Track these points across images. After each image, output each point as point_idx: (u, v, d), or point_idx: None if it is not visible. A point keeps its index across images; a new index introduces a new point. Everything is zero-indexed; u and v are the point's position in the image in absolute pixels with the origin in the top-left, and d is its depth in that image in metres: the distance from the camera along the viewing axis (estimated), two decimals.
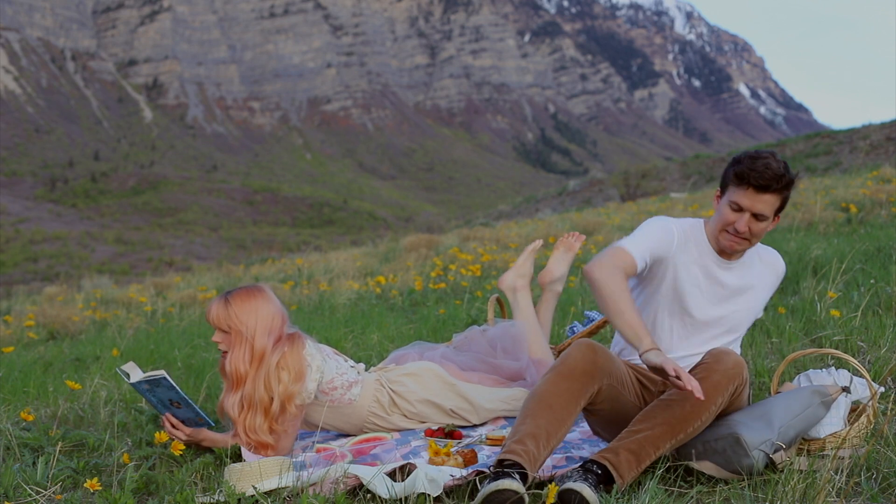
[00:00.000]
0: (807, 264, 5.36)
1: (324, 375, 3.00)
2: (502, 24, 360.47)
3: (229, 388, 2.91)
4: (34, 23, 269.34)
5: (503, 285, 3.64)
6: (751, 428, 2.37)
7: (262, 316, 2.89)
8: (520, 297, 3.57)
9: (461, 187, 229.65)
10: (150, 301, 8.64)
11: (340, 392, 3.04)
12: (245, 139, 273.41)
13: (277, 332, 2.91)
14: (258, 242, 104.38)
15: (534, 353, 3.42)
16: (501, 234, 13.04)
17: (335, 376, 3.04)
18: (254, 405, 2.85)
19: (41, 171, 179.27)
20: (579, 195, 34.14)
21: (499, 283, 3.66)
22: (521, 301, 3.56)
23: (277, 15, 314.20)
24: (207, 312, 2.96)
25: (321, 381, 2.99)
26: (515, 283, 3.61)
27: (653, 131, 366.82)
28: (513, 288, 3.61)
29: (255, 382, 2.86)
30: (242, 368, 2.87)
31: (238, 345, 2.88)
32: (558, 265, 3.67)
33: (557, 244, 3.73)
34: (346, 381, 3.06)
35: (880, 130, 27.39)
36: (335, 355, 3.13)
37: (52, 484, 2.65)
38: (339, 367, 3.07)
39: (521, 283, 3.60)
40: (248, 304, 2.90)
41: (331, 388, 3.03)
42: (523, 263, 3.67)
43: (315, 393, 2.98)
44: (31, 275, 77.76)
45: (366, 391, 3.10)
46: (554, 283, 3.67)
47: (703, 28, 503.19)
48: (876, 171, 15.30)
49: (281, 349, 2.90)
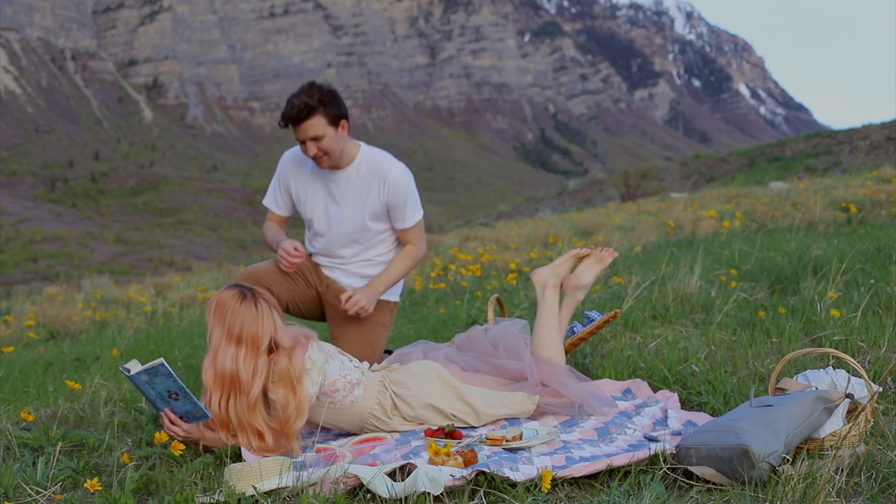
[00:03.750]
0: (807, 264, 5.35)
1: (326, 378, 2.99)
2: (502, 24, 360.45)
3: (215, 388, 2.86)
4: (34, 23, 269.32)
5: (536, 278, 3.65)
6: (758, 438, 2.36)
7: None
8: (548, 294, 3.59)
9: (461, 187, 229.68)
10: (150, 301, 8.64)
11: (342, 394, 3.04)
12: (245, 139, 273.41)
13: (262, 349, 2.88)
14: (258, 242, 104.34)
15: (546, 351, 3.41)
16: (501, 235, 13.03)
17: (337, 378, 3.03)
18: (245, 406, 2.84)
19: (41, 171, 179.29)
20: (579, 195, 34.16)
21: (532, 275, 3.68)
22: (548, 298, 3.57)
23: (277, 15, 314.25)
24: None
25: (323, 384, 2.99)
26: (548, 280, 3.62)
27: (653, 131, 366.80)
28: (544, 284, 3.62)
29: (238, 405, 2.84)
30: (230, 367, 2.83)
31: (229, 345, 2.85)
32: (586, 273, 3.68)
33: (591, 254, 3.74)
34: (348, 382, 3.05)
35: (880, 130, 27.40)
36: (339, 354, 3.12)
37: (52, 484, 2.65)
38: (342, 368, 3.06)
39: (553, 282, 3.62)
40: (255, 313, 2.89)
41: (333, 391, 3.03)
42: (561, 264, 3.67)
43: (317, 395, 2.98)
44: (31, 275, 77.82)
45: (368, 393, 3.09)
46: (578, 290, 3.67)
47: (703, 28, 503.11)
48: (876, 171, 15.30)
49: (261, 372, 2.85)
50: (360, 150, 3.66)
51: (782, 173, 25.26)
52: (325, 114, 3.43)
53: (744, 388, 3.21)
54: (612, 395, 3.38)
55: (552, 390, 3.24)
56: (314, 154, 3.48)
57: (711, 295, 4.77)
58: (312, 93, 3.42)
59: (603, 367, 3.72)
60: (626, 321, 4.40)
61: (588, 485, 2.48)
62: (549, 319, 3.51)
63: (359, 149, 3.67)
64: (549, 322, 3.50)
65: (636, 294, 4.88)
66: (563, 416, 3.20)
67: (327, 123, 3.44)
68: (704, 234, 8.67)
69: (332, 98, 3.46)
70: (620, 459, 2.53)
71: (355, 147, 3.66)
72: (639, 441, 2.84)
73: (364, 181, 3.63)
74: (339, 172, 3.63)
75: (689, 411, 3.14)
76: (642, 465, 2.51)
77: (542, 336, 3.47)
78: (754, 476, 2.32)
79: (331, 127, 3.46)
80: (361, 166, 3.63)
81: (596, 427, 3.01)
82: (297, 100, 3.40)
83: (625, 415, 3.14)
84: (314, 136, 3.43)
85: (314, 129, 3.42)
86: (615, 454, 2.65)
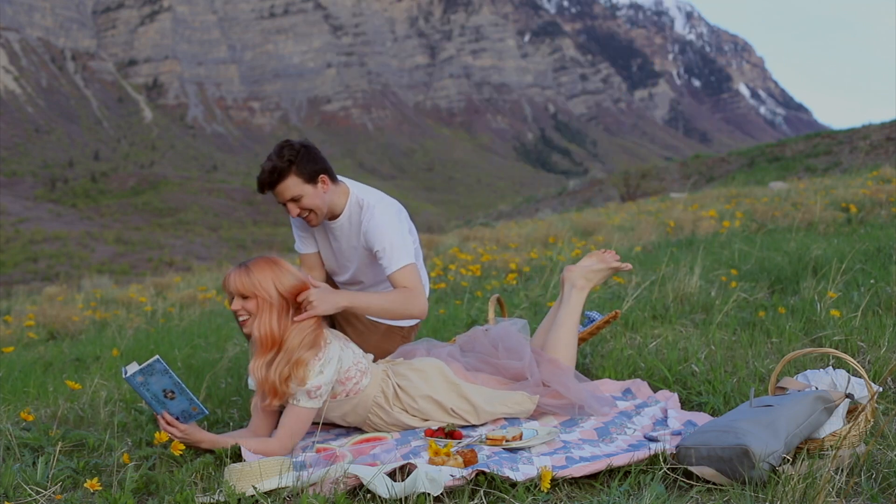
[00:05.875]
0: (807, 264, 5.35)
1: (342, 364, 3.01)
2: (502, 24, 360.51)
3: (259, 352, 2.93)
4: (34, 23, 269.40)
5: (568, 275, 3.62)
6: (759, 438, 2.36)
7: (282, 284, 2.93)
8: (574, 295, 3.56)
9: (461, 187, 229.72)
10: (150, 301, 8.64)
11: (353, 382, 3.06)
12: (245, 139, 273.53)
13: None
14: (258, 242, 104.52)
15: (557, 351, 3.41)
16: (501, 235, 13.03)
17: (351, 365, 3.05)
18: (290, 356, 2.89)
19: (41, 171, 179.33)
20: (579, 195, 34.17)
21: (565, 271, 3.65)
22: (574, 298, 3.55)
23: (277, 15, 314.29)
24: (225, 281, 2.96)
25: (339, 370, 3.00)
26: (577, 281, 3.60)
27: (653, 131, 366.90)
28: (573, 283, 3.60)
29: (292, 334, 2.92)
30: (276, 328, 2.90)
31: (264, 310, 2.91)
32: (594, 273, 3.68)
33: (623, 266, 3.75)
34: (359, 370, 3.09)
35: (880, 130, 27.41)
36: (350, 342, 3.15)
37: (52, 484, 2.65)
38: (354, 356, 3.09)
39: (582, 285, 3.60)
40: (268, 272, 2.93)
41: (346, 378, 3.04)
42: (597, 272, 3.64)
43: (332, 386, 2.99)
44: (31, 275, 77.86)
45: (374, 381, 3.12)
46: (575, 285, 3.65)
47: (703, 28, 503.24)
48: (876, 171, 15.30)
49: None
50: (348, 198, 3.46)
51: (782, 173, 25.27)
52: (298, 173, 3.28)
53: (744, 388, 3.21)
54: (612, 395, 3.38)
55: (553, 391, 3.24)
56: (298, 214, 3.35)
57: (711, 295, 4.77)
58: (283, 154, 3.28)
59: (603, 367, 3.72)
60: (626, 321, 4.40)
61: (588, 485, 2.48)
62: (568, 319, 3.49)
63: (347, 196, 3.46)
64: (569, 322, 3.48)
65: (636, 294, 4.89)
66: (563, 417, 3.20)
67: (303, 182, 3.29)
68: (704, 234, 8.67)
69: (306, 155, 3.30)
70: (620, 459, 2.53)
71: (344, 196, 3.45)
72: (639, 441, 2.84)
73: (354, 229, 3.48)
74: (335, 222, 3.48)
75: (689, 411, 3.14)
76: (642, 465, 2.52)
77: (558, 336, 3.45)
78: (754, 476, 2.32)
79: (308, 185, 3.31)
80: (350, 213, 3.46)
81: (596, 427, 3.01)
82: (268, 164, 3.29)
83: (625, 415, 3.14)
84: (292, 197, 3.30)
85: (290, 191, 3.29)
86: (615, 454, 2.65)
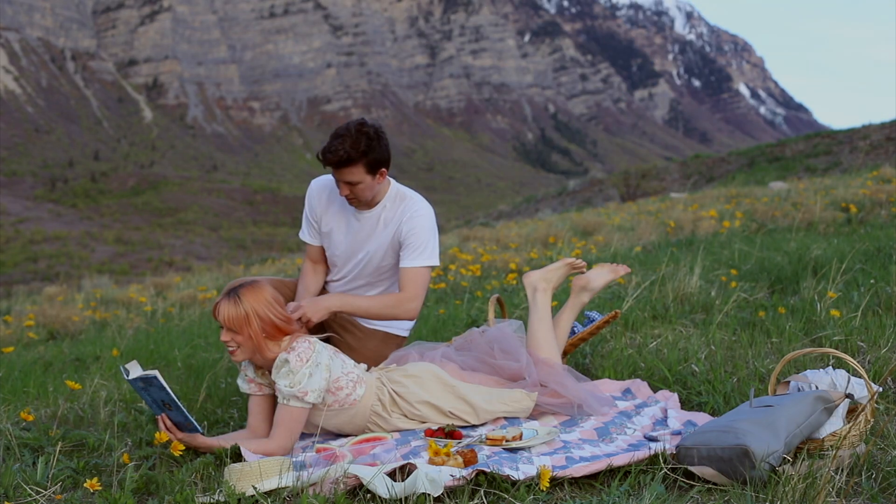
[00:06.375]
0: (807, 264, 5.35)
1: (331, 374, 3.01)
2: (502, 24, 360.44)
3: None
4: (34, 23, 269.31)
5: (527, 280, 3.66)
6: (759, 438, 2.36)
7: (267, 317, 2.97)
8: (539, 297, 3.59)
9: (461, 187, 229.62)
10: (150, 301, 8.64)
11: (346, 392, 3.05)
12: (245, 139, 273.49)
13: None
14: (258, 242, 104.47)
15: (541, 351, 3.42)
16: (501, 234, 13.04)
17: (341, 375, 3.04)
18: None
19: (41, 171, 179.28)
20: (579, 195, 34.14)
21: (524, 277, 3.69)
22: (539, 300, 3.58)
23: (277, 15, 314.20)
24: (215, 311, 2.98)
25: (328, 380, 3.00)
26: (538, 284, 3.62)
27: (653, 131, 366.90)
28: (534, 287, 3.62)
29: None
30: (263, 348, 2.99)
31: (251, 340, 2.96)
32: (597, 278, 3.70)
33: (604, 264, 3.79)
34: (350, 380, 3.07)
35: (880, 130, 27.41)
36: (339, 353, 3.14)
37: (52, 484, 2.65)
38: (344, 367, 3.08)
39: (544, 286, 3.62)
40: (255, 303, 2.95)
41: (336, 388, 3.03)
42: (555, 270, 3.67)
43: (323, 394, 2.99)
44: (31, 275, 77.84)
45: (369, 390, 3.11)
46: (584, 292, 3.68)
47: (703, 28, 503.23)
48: (876, 171, 15.30)
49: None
50: (388, 189, 3.55)
51: (782, 173, 25.26)
52: (365, 164, 3.34)
53: (744, 388, 3.21)
54: (611, 395, 3.38)
55: (551, 390, 3.24)
56: (346, 195, 3.42)
57: (711, 295, 4.77)
58: (359, 143, 3.30)
59: (603, 367, 3.72)
60: (626, 321, 4.40)
61: (588, 485, 2.48)
62: (540, 322, 3.52)
63: (388, 188, 3.56)
64: (542, 324, 3.51)
65: (636, 294, 4.88)
66: (563, 416, 3.20)
67: (366, 172, 3.36)
68: (704, 234, 8.67)
69: (378, 147, 3.35)
70: (620, 459, 2.53)
71: (386, 187, 3.55)
72: (639, 441, 2.84)
73: (386, 219, 3.52)
74: (365, 211, 3.54)
75: (689, 411, 3.14)
76: (642, 465, 2.52)
77: (537, 339, 3.48)
78: (754, 476, 2.31)
79: (368, 175, 3.37)
80: (387, 204, 3.53)
81: (596, 427, 3.01)
82: (341, 146, 3.30)
83: (625, 415, 3.14)
84: (350, 181, 3.37)
85: (352, 176, 3.35)
86: (615, 454, 2.65)
